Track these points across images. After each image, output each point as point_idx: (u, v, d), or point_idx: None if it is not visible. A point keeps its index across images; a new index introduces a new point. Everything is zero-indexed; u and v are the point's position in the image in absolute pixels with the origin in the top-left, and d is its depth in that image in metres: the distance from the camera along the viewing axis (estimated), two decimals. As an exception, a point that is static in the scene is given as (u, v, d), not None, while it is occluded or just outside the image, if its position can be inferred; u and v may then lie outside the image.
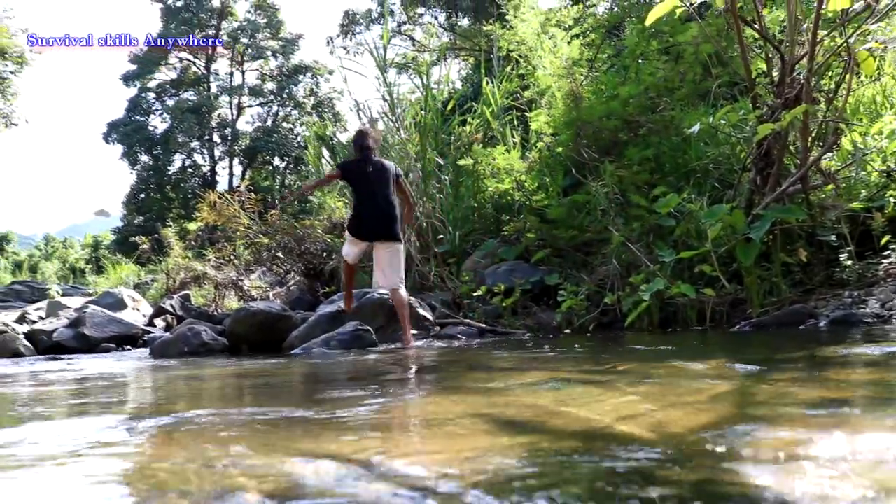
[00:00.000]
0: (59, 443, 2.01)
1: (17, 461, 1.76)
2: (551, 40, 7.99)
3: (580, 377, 2.94)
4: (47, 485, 1.49)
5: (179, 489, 1.33)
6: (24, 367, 5.62)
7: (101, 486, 1.48)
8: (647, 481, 1.21)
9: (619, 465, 1.32)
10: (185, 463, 1.57)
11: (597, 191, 6.46)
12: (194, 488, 1.33)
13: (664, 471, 1.27)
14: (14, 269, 38.59)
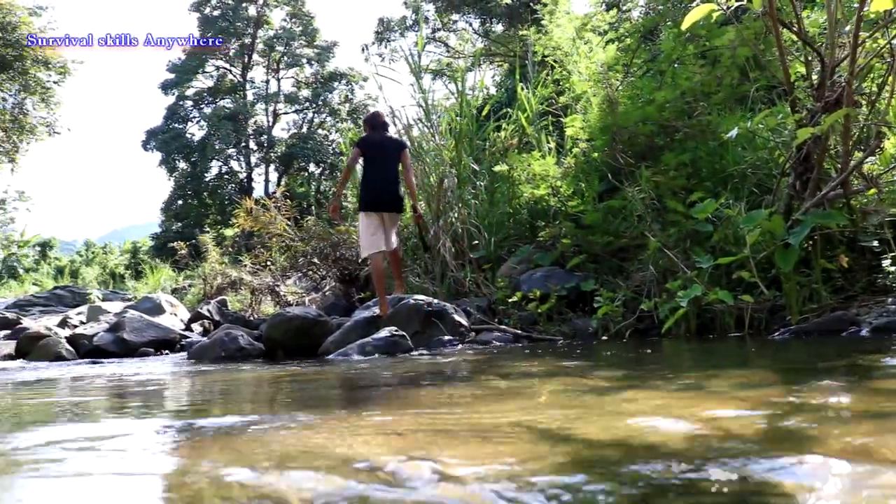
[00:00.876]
0: (100, 446, 2.04)
1: (51, 467, 1.79)
2: (586, 45, 7.96)
3: (618, 384, 2.92)
4: (81, 490, 1.52)
5: (220, 496, 1.35)
6: (67, 370, 5.71)
7: (141, 493, 1.50)
8: (691, 490, 1.20)
9: (661, 473, 1.31)
10: (225, 468, 1.58)
11: (633, 196, 6.42)
12: (235, 494, 1.35)
13: (707, 480, 1.26)
14: (56, 274, 39.21)
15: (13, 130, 18.40)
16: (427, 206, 8.65)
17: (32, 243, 40.74)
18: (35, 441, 2.22)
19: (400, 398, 2.94)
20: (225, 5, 40.43)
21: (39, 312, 16.75)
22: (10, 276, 35.23)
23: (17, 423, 2.77)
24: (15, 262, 37.51)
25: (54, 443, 2.16)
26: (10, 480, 1.64)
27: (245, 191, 37.89)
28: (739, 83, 6.70)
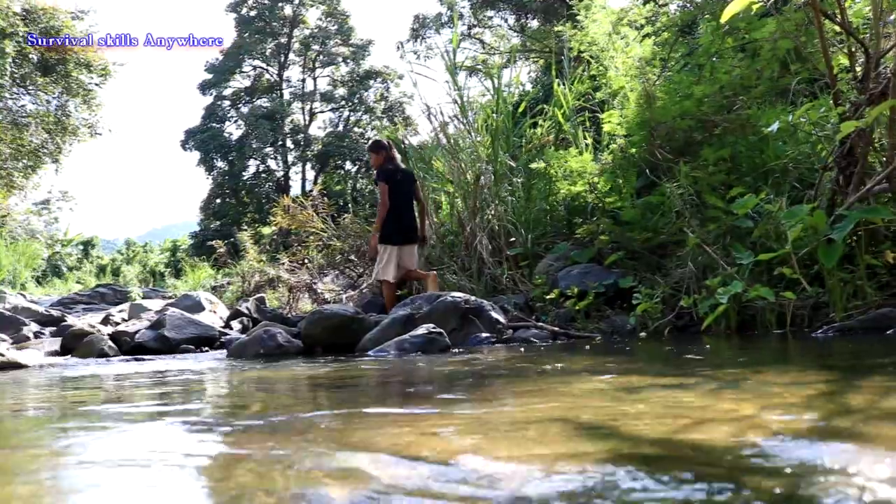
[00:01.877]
0: (147, 441, 2.07)
1: (103, 460, 1.82)
2: (623, 40, 7.90)
3: (657, 381, 2.90)
4: (129, 484, 1.54)
5: (265, 488, 1.36)
6: (112, 367, 5.81)
7: (184, 485, 1.52)
8: (737, 489, 1.19)
9: (705, 472, 1.30)
10: (270, 462, 1.60)
11: (671, 192, 6.36)
12: (280, 487, 1.36)
13: (754, 479, 1.24)
14: (98, 272, 39.86)
15: (56, 132, 18.75)
16: (463, 203, 8.65)
17: (75, 242, 41.48)
18: (89, 436, 2.27)
19: (439, 395, 2.95)
20: (261, 5, 40.82)
21: (83, 310, 17.06)
22: (55, 275, 35.90)
23: (70, 418, 2.83)
24: (59, 260, 38.22)
25: (112, 437, 2.20)
26: (73, 472, 1.67)
27: (282, 189, 38.24)
28: (780, 76, 6.60)
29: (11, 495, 1.47)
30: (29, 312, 12.82)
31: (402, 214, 7.38)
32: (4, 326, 10.36)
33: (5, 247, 24.25)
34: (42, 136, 18.70)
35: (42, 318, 12.52)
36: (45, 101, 18.52)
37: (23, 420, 2.92)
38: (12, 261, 24.15)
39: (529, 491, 1.23)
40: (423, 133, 23.69)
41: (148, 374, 4.84)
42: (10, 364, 5.95)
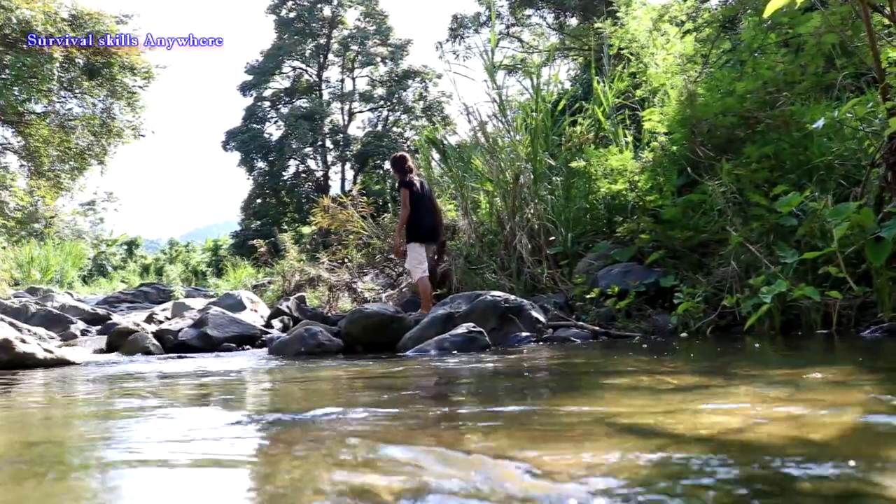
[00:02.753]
0: (199, 437, 2.10)
1: (146, 459, 1.85)
2: (663, 37, 7.82)
3: (702, 381, 2.87)
4: (174, 480, 1.56)
5: (314, 487, 1.38)
6: (156, 364, 5.91)
7: (232, 483, 1.54)
8: (785, 491, 1.17)
9: (754, 472, 1.29)
10: (315, 458, 1.62)
11: (713, 190, 6.28)
12: (327, 486, 1.37)
13: (804, 481, 1.23)
14: (142, 271, 40.53)
15: (102, 134, 19.09)
16: (503, 202, 8.64)
17: (120, 242, 42.25)
18: (141, 433, 2.31)
19: (480, 394, 2.95)
20: (300, 7, 41.14)
21: (127, 308, 17.38)
22: (100, 274, 36.58)
23: (118, 412, 2.88)
24: (104, 260, 38.94)
25: (159, 433, 2.24)
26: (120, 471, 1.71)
27: (322, 189, 38.50)
28: (825, 71, 6.49)
29: (58, 491, 1.51)
30: (76, 311, 13.11)
31: (424, 218, 8.05)
32: (53, 324, 10.60)
33: (53, 247, 24.78)
34: (88, 139, 19.05)
35: (88, 317, 12.80)
36: (91, 104, 18.87)
37: (75, 415, 2.98)
38: (60, 260, 24.66)
39: (574, 491, 1.23)
40: (462, 132, 23.70)
41: (191, 372, 4.92)
42: (59, 361, 6.09)
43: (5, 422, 2.89)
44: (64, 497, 1.45)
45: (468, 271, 8.32)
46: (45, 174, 18.90)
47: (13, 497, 1.43)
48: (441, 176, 11.12)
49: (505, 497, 1.22)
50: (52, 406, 3.40)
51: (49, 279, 23.21)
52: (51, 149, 18.59)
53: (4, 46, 14.74)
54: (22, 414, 3.14)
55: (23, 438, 2.39)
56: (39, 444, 2.22)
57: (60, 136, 18.57)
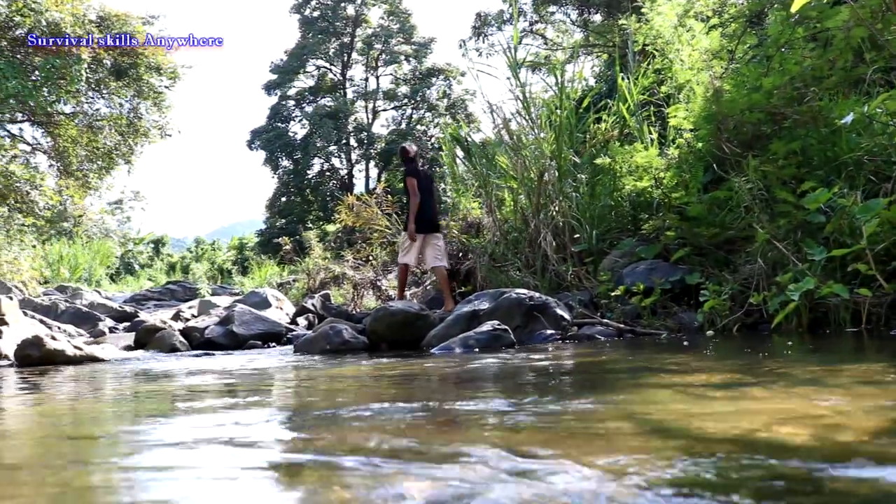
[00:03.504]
0: (226, 435, 2.12)
1: (182, 458, 1.87)
2: (689, 32, 7.77)
3: (729, 379, 2.85)
4: (199, 478, 1.58)
5: (342, 483, 1.39)
6: (183, 361, 5.97)
7: (262, 481, 1.55)
8: (815, 491, 1.17)
9: (781, 472, 1.28)
10: (346, 459, 1.63)
11: (740, 187, 6.23)
12: (358, 483, 1.38)
13: (836, 481, 1.22)
14: (168, 269, 40.96)
15: (129, 134, 19.27)
16: (527, 200, 8.63)
17: (147, 241, 42.71)
18: (168, 431, 2.34)
19: (506, 392, 2.96)
20: (324, 6, 41.29)
21: (154, 306, 17.59)
22: (127, 272, 37.01)
23: (147, 409, 2.92)
24: (131, 258, 39.39)
25: (186, 432, 2.27)
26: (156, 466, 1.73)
27: (346, 187, 38.64)
28: (854, 66, 6.41)
29: (92, 483, 1.53)
30: (104, 308, 13.30)
31: (425, 207, 8.27)
32: (82, 322, 10.76)
33: (81, 246, 25.08)
34: (115, 139, 19.24)
35: (116, 314, 12.97)
36: (119, 104, 19.04)
37: (104, 412, 3.02)
38: (88, 259, 24.98)
39: (602, 489, 1.23)
40: (486, 130, 23.66)
41: (217, 369, 4.96)
42: (88, 358, 6.17)
43: (39, 417, 2.94)
44: (96, 491, 1.47)
45: (492, 269, 8.32)
46: (74, 174, 19.11)
47: (47, 492, 1.46)
48: (465, 173, 11.12)
49: (532, 496, 1.22)
50: (82, 403, 3.45)
51: (78, 277, 23.52)
52: (79, 148, 18.80)
53: (34, 49, 14.93)
54: (53, 410, 3.19)
55: (54, 434, 2.43)
56: (70, 440, 2.25)
57: (88, 136, 18.78)
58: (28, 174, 16.39)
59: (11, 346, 6.29)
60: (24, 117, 18.47)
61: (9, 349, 6.26)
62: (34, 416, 3.03)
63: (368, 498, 1.27)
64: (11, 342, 6.39)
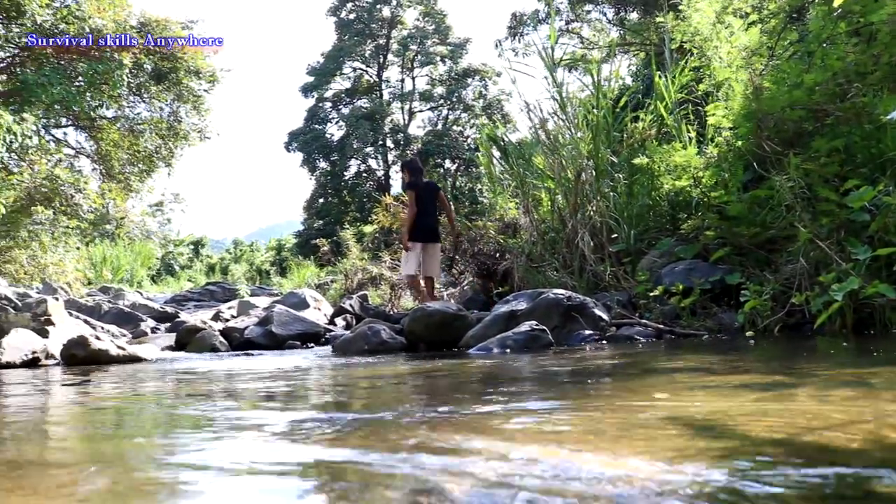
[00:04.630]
0: (267, 434, 2.14)
1: (222, 466, 1.89)
2: (727, 29, 7.68)
3: (772, 380, 2.82)
4: (236, 478, 1.60)
5: (385, 483, 1.40)
6: (223, 362, 6.03)
7: (304, 480, 1.57)
8: (868, 496, 1.15)
9: (830, 475, 1.26)
10: (387, 457, 1.64)
11: (781, 185, 6.14)
12: (398, 482, 1.39)
13: (884, 485, 1.20)
14: (208, 271, 41.46)
15: (169, 137, 19.58)
16: (564, 200, 8.59)
17: (187, 242, 43.28)
18: (210, 432, 2.37)
19: (547, 393, 2.95)
20: (360, 8, 41.50)
21: (194, 307, 17.81)
22: (168, 273, 37.52)
23: (188, 412, 2.96)
24: (172, 259, 39.93)
25: (227, 433, 2.30)
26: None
27: (383, 188, 38.76)
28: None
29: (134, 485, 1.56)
30: (146, 309, 13.49)
31: (425, 218, 8.54)
32: (124, 322, 10.93)
33: (123, 247, 25.50)
34: (156, 142, 19.57)
35: (157, 315, 13.16)
36: (159, 108, 19.37)
37: (148, 411, 3.07)
38: (130, 260, 25.39)
39: (644, 489, 1.23)
40: (523, 130, 23.59)
41: (257, 369, 5.01)
42: (131, 357, 6.28)
43: (86, 415, 2.99)
44: (140, 491, 1.50)
45: (530, 269, 8.30)
46: (116, 177, 19.47)
47: (94, 489, 1.49)
48: (502, 174, 11.11)
49: (575, 496, 1.22)
50: (126, 402, 3.51)
51: (120, 278, 23.92)
52: (121, 152, 19.15)
53: (78, 55, 15.22)
54: (98, 409, 3.25)
55: (99, 433, 2.47)
56: (114, 439, 2.29)
57: (130, 139, 19.12)
58: (72, 178, 16.72)
59: (58, 345, 6.42)
60: (69, 122, 18.87)
61: (55, 349, 6.38)
62: (83, 414, 3.09)
63: (411, 498, 1.28)
64: (58, 342, 6.52)
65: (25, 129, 13.43)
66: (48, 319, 7.09)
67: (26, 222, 15.56)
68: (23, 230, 15.46)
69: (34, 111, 14.59)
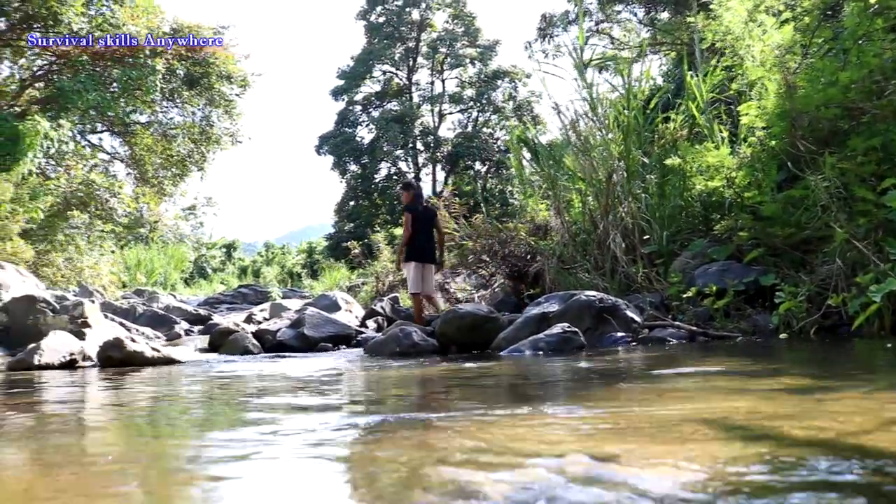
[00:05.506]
0: (307, 435, 2.15)
1: (260, 457, 1.91)
2: (760, 27, 7.59)
3: (809, 383, 2.78)
4: (272, 480, 1.61)
5: (423, 486, 1.40)
6: (257, 363, 6.08)
7: (343, 480, 1.58)
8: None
9: (873, 479, 1.24)
10: (424, 458, 1.64)
11: (816, 185, 6.06)
12: (435, 483, 1.39)
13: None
14: (240, 273, 41.80)
15: (201, 141, 19.82)
16: (595, 201, 8.55)
17: (219, 245, 43.71)
18: (245, 434, 2.39)
19: (580, 394, 2.94)
20: (389, 11, 41.62)
21: (226, 309, 17.97)
22: (201, 276, 37.91)
23: (230, 409, 2.99)
24: (204, 262, 40.34)
25: (261, 435, 2.32)
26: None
27: (413, 191, 38.77)
28: (938, 58, 6.17)
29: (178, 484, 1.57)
30: (179, 311, 13.64)
31: (421, 240, 8.69)
32: (158, 324, 11.06)
33: (157, 251, 25.80)
34: (188, 146, 19.82)
35: (191, 317, 13.30)
36: (191, 112, 19.60)
37: (185, 413, 3.10)
38: (163, 263, 25.68)
39: (685, 493, 1.22)
40: (553, 131, 23.51)
41: (290, 371, 5.04)
42: (166, 360, 6.34)
43: (127, 417, 3.03)
44: (183, 490, 1.52)
45: (561, 271, 8.27)
46: (150, 181, 19.74)
47: (139, 490, 1.51)
48: (532, 175, 11.08)
49: (614, 498, 1.21)
50: (163, 402, 3.55)
51: (154, 281, 24.19)
52: (154, 157, 19.41)
53: (112, 61, 15.44)
54: (137, 410, 3.28)
55: (140, 434, 2.51)
56: (151, 439, 2.32)
57: (163, 144, 19.38)
58: (107, 182, 16.98)
59: (94, 347, 6.50)
60: (104, 128, 19.16)
61: (92, 350, 6.47)
62: (123, 415, 3.13)
63: (451, 499, 1.28)
64: (94, 344, 6.60)
65: (62, 135, 13.67)
66: (85, 322, 7.19)
67: (63, 226, 15.82)
68: (59, 234, 15.72)
69: (70, 117, 14.84)
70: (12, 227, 13.04)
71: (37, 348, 6.03)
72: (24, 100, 16.03)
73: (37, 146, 12.83)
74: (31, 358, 5.92)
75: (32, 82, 16.69)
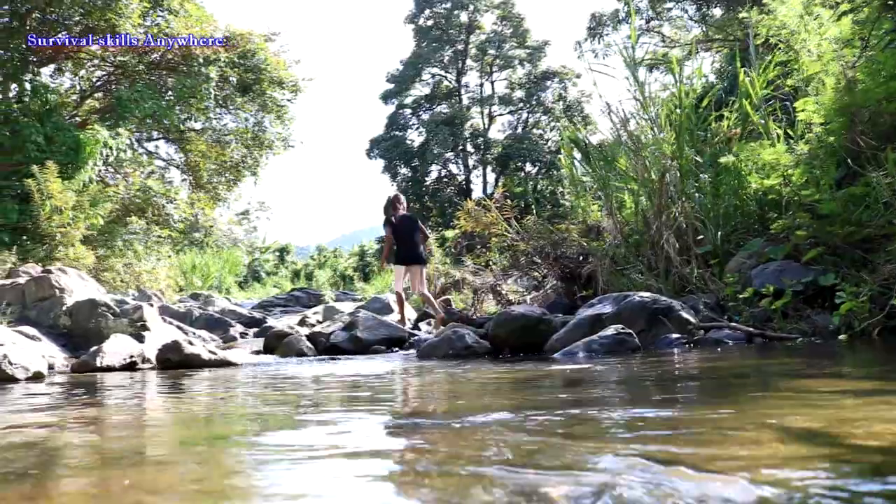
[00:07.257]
0: (362, 437, 2.17)
1: (311, 457, 1.92)
2: (816, 21, 7.43)
3: (875, 385, 2.71)
4: (324, 483, 1.62)
5: (481, 486, 1.39)
6: (312, 366, 6.14)
7: (398, 483, 1.58)
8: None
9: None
10: (482, 461, 1.64)
11: (878, 181, 5.90)
12: (497, 487, 1.39)
13: None
14: (293, 277, 42.29)
15: (254, 147, 20.14)
16: (648, 201, 8.45)
17: (272, 249, 44.29)
18: (300, 435, 2.41)
19: (640, 398, 2.90)
20: (437, 14, 41.75)
21: (280, 312, 18.19)
22: (254, 280, 38.45)
23: (281, 415, 3.02)
24: (258, 266, 40.91)
25: (316, 437, 2.34)
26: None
27: (464, 193, 38.87)
28: None
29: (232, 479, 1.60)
30: (234, 315, 13.85)
31: (402, 246, 9.84)
32: (214, 327, 11.25)
33: (212, 255, 26.26)
34: (242, 152, 20.17)
35: (245, 320, 13.49)
36: (244, 118, 19.94)
37: (244, 413, 3.14)
38: (218, 267, 26.10)
39: (742, 495, 1.19)
40: (604, 131, 23.34)
41: (345, 373, 5.09)
42: (222, 362, 6.45)
43: (189, 419, 3.09)
44: (238, 484, 1.53)
45: (614, 272, 8.19)
46: (204, 186, 20.13)
47: (202, 486, 1.53)
48: (584, 176, 10.99)
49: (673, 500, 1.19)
50: (223, 404, 3.60)
51: (209, 285, 24.61)
52: (208, 162, 19.80)
53: (167, 70, 15.78)
54: (198, 412, 3.34)
55: (202, 434, 2.55)
56: (215, 440, 2.35)
57: (217, 150, 19.75)
58: (163, 188, 17.36)
59: (153, 350, 6.65)
60: (160, 135, 19.59)
61: (150, 353, 6.61)
62: (183, 417, 3.18)
63: (508, 501, 1.28)
64: (153, 346, 6.75)
65: (120, 143, 14.01)
66: (144, 325, 7.35)
67: (122, 232, 16.21)
68: (119, 240, 16.11)
69: (128, 126, 15.20)
70: (74, 233, 13.42)
71: (99, 351, 6.20)
72: (85, 110, 16.50)
73: (97, 154, 13.19)
74: (94, 360, 6.09)
75: (92, 93, 17.15)
